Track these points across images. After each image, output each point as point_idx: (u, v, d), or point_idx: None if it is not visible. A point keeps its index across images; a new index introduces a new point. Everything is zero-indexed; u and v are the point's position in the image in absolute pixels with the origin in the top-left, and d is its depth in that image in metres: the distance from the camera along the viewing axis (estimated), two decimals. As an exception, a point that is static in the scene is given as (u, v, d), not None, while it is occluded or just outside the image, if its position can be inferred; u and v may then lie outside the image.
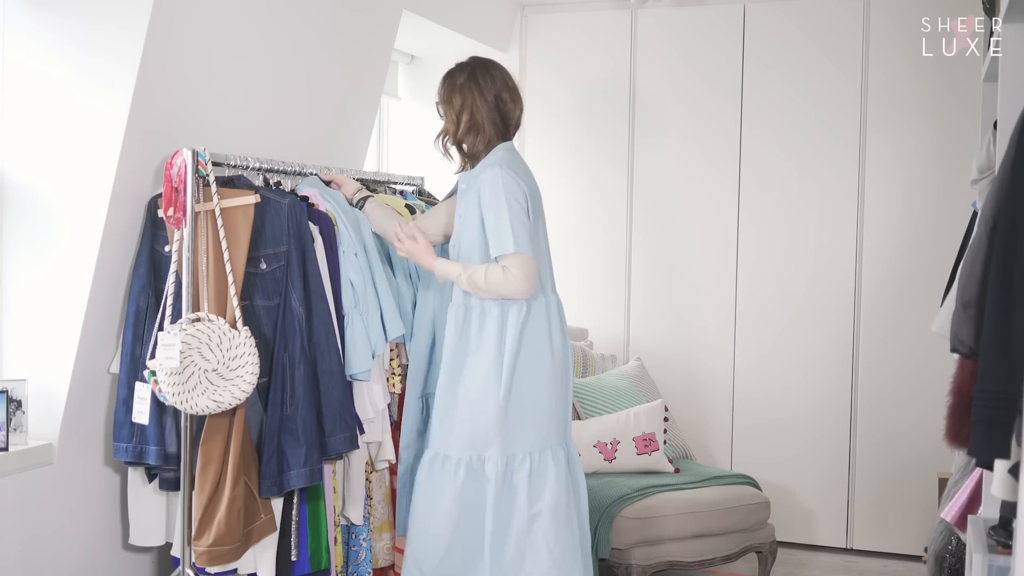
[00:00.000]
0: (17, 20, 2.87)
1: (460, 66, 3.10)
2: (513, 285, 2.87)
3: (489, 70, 3.08)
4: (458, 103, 3.03)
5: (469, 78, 3.04)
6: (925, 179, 4.58)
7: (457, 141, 3.08)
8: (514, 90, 3.11)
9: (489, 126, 3.03)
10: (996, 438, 1.86)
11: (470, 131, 3.03)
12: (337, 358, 3.01)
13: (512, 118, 3.09)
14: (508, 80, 3.11)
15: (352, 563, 3.23)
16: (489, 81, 3.05)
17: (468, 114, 3.02)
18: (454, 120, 3.04)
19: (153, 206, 2.98)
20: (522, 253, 2.87)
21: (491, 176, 2.92)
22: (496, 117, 3.04)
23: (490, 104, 3.03)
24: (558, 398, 3.00)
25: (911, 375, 4.57)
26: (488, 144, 3.02)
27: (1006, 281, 1.85)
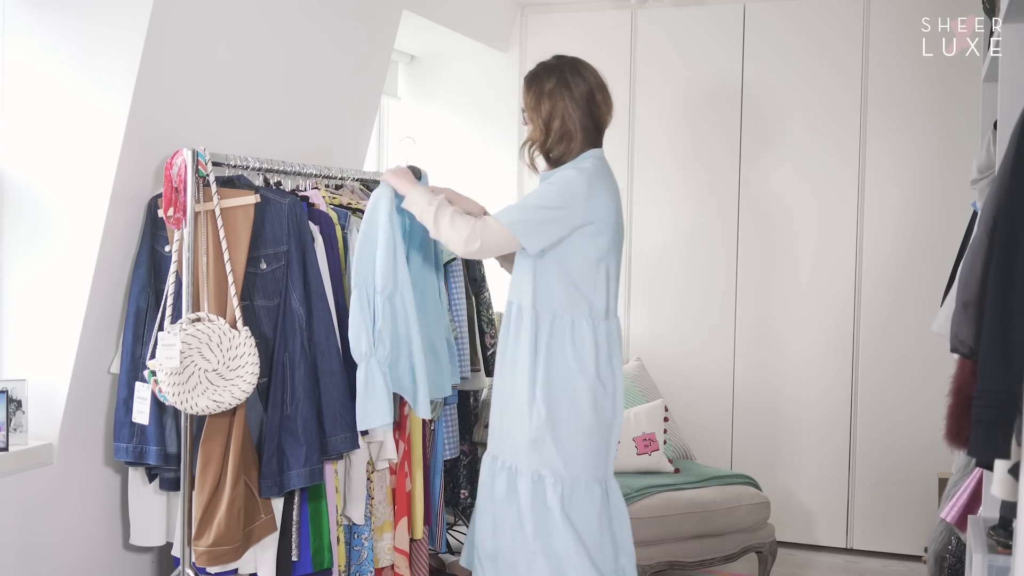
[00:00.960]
0: (17, 20, 2.87)
1: (546, 68, 2.85)
2: (463, 236, 2.70)
3: (579, 70, 2.83)
4: (547, 110, 2.79)
5: (559, 82, 2.79)
6: (925, 179, 4.58)
7: (546, 151, 2.83)
8: (605, 91, 2.86)
9: (580, 132, 2.79)
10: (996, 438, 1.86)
11: (561, 139, 2.79)
12: (337, 358, 3.01)
13: (604, 122, 2.86)
14: (599, 80, 2.86)
15: (354, 563, 3.23)
16: (580, 83, 2.81)
17: (559, 121, 2.77)
18: (543, 129, 2.80)
19: (153, 206, 2.98)
20: (509, 230, 2.70)
21: (561, 174, 2.76)
22: (588, 122, 2.80)
23: (582, 109, 2.79)
24: (595, 429, 2.77)
25: (911, 375, 4.57)
26: (578, 152, 2.80)
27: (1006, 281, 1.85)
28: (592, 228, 2.74)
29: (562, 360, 2.76)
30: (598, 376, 2.77)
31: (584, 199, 2.72)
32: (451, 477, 4.01)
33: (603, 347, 2.79)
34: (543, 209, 2.72)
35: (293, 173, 3.24)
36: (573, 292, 2.77)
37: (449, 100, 5.28)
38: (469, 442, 4.04)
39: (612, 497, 2.85)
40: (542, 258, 2.77)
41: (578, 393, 2.76)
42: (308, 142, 3.71)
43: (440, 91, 5.28)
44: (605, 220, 2.77)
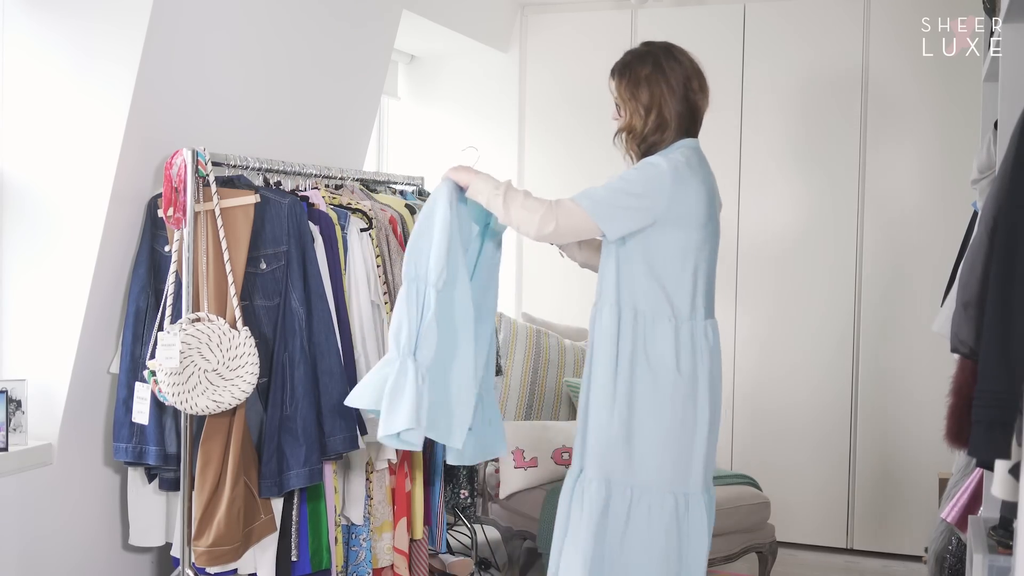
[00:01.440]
0: (17, 20, 2.87)
1: (638, 55, 2.71)
2: (536, 217, 2.53)
3: (674, 55, 2.69)
4: (645, 97, 2.66)
5: (655, 67, 2.67)
6: (925, 179, 4.58)
7: (640, 140, 2.70)
8: (701, 76, 2.74)
9: (675, 120, 2.68)
10: (996, 438, 1.86)
11: (657, 128, 2.67)
12: (337, 358, 3.01)
13: (700, 110, 2.74)
14: (695, 65, 2.73)
15: (352, 563, 3.23)
16: (676, 67, 2.68)
17: (656, 110, 2.66)
18: (642, 116, 2.68)
19: (153, 206, 2.98)
20: (587, 213, 2.53)
21: (647, 159, 2.62)
22: (683, 109, 2.69)
23: (678, 96, 2.67)
24: (671, 437, 2.59)
25: (911, 375, 4.57)
26: (671, 141, 2.69)
27: (1006, 281, 1.85)
28: (676, 219, 2.59)
29: (643, 359, 2.60)
30: (676, 380, 2.59)
31: (669, 188, 2.56)
32: (451, 477, 4.01)
33: (686, 349, 2.61)
34: (625, 195, 2.56)
35: (293, 173, 3.24)
36: (656, 289, 2.60)
37: (449, 100, 5.28)
38: (469, 442, 4.03)
39: (691, 512, 2.63)
40: (625, 248, 2.61)
41: (656, 396, 2.59)
42: (308, 142, 3.71)
43: (440, 91, 5.28)
44: (692, 215, 2.60)
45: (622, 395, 2.59)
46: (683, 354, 2.60)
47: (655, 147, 2.68)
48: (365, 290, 3.20)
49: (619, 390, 2.59)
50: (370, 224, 3.24)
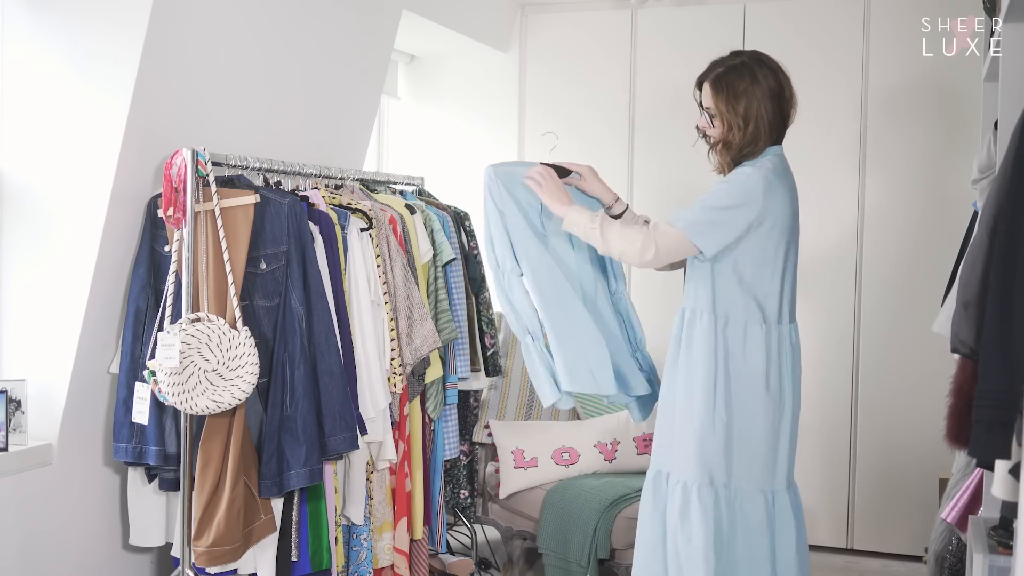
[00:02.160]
0: (17, 20, 2.87)
1: (733, 67, 2.72)
2: (636, 247, 2.63)
3: (766, 63, 2.71)
4: (742, 108, 2.68)
5: (751, 79, 2.68)
6: (925, 179, 4.58)
7: (738, 152, 2.73)
8: (789, 83, 2.76)
9: (768, 130, 2.71)
10: (996, 438, 1.85)
11: (753, 140, 2.71)
12: (337, 358, 3.01)
13: (790, 117, 2.77)
14: (784, 72, 2.76)
15: (353, 563, 3.23)
16: (770, 76, 2.70)
17: (754, 123, 2.69)
18: (741, 128, 2.69)
19: (153, 206, 2.98)
20: (684, 234, 2.63)
21: (738, 171, 2.68)
22: (776, 118, 2.73)
23: (772, 104, 2.71)
24: (762, 438, 2.72)
25: (911, 375, 4.57)
26: (762, 150, 2.73)
27: (1006, 281, 1.85)
28: (767, 226, 2.67)
29: (740, 365, 2.71)
30: (767, 382, 2.72)
31: (761, 196, 2.64)
32: (451, 477, 4.01)
33: (774, 352, 2.74)
34: (719, 210, 2.63)
35: (293, 173, 3.24)
36: (746, 294, 2.70)
37: (449, 100, 5.28)
38: (469, 442, 4.04)
39: (777, 508, 2.79)
40: (718, 260, 2.69)
41: (748, 399, 2.70)
42: (308, 142, 3.71)
43: (440, 91, 5.28)
44: (780, 219, 2.70)
45: (721, 400, 2.69)
46: (772, 358, 2.74)
47: (747, 157, 2.73)
48: (365, 290, 3.20)
49: (718, 396, 2.69)
50: (370, 224, 3.24)
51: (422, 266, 3.55)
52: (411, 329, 3.34)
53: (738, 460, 2.71)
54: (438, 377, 3.54)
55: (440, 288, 3.59)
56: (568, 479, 4.00)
